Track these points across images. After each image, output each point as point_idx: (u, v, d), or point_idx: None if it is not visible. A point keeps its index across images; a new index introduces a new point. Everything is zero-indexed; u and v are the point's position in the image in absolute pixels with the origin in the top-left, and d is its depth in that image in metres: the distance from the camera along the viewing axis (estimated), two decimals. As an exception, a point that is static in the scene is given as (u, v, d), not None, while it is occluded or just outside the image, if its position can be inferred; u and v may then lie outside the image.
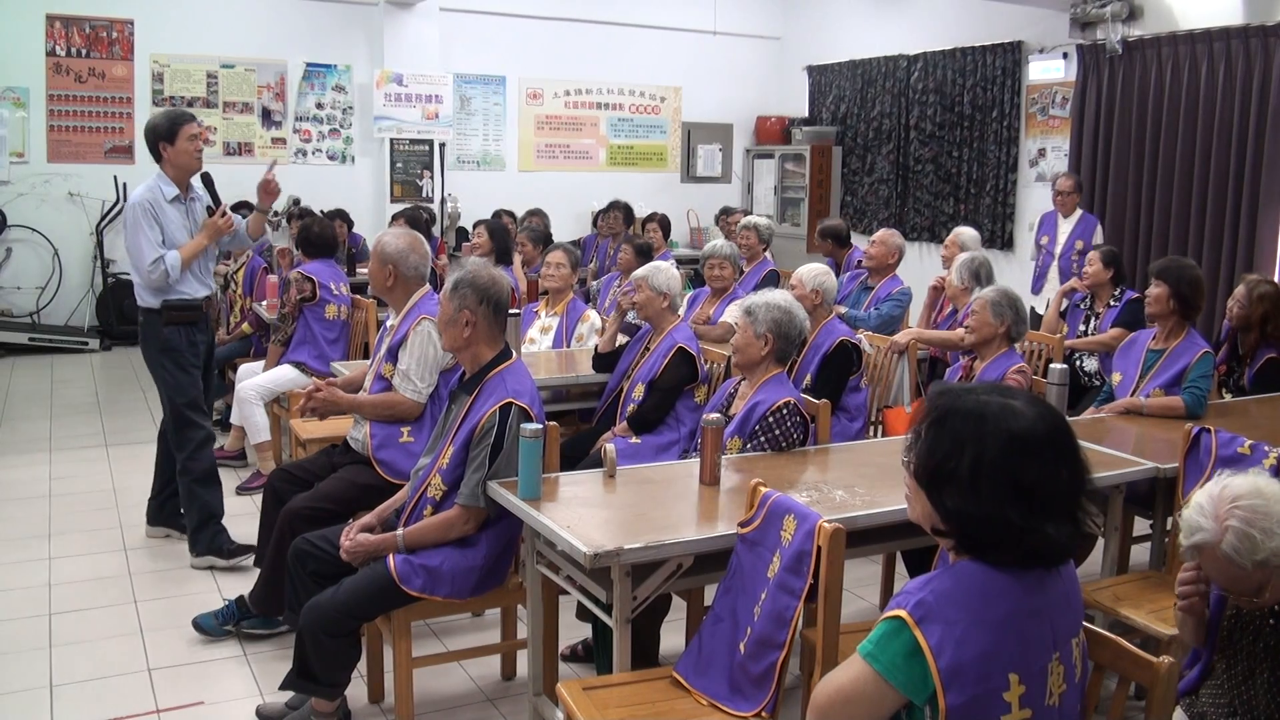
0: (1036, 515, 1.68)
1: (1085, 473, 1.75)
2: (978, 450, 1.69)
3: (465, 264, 3.30)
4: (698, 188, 11.69)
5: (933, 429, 1.75)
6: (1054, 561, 1.74)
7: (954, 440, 1.72)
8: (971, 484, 1.69)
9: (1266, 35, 7.02)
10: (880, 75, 10.35)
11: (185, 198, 4.41)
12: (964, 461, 1.70)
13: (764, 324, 3.54)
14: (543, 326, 5.44)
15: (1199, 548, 2.13)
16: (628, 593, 2.64)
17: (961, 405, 1.75)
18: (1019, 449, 1.69)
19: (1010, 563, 1.71)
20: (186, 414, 4.40)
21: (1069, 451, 1.73)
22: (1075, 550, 1.81)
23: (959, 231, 6.43)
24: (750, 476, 2.86)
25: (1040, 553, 1.71)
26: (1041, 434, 1.70)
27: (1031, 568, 1.72)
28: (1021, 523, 1.68)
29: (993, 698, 1.66)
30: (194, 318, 4.41)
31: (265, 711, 3.25)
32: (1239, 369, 4.64)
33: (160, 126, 4.39)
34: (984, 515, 1.69)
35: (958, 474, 1.70)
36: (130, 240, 4.32)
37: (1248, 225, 7.17)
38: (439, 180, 10.11)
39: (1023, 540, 1.68)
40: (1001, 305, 3.95)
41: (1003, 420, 1.70)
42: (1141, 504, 3.67)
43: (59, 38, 9.06)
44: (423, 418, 3.71)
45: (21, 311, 9.13)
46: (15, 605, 4.06)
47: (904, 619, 1.67)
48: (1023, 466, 1.68)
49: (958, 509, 1.71)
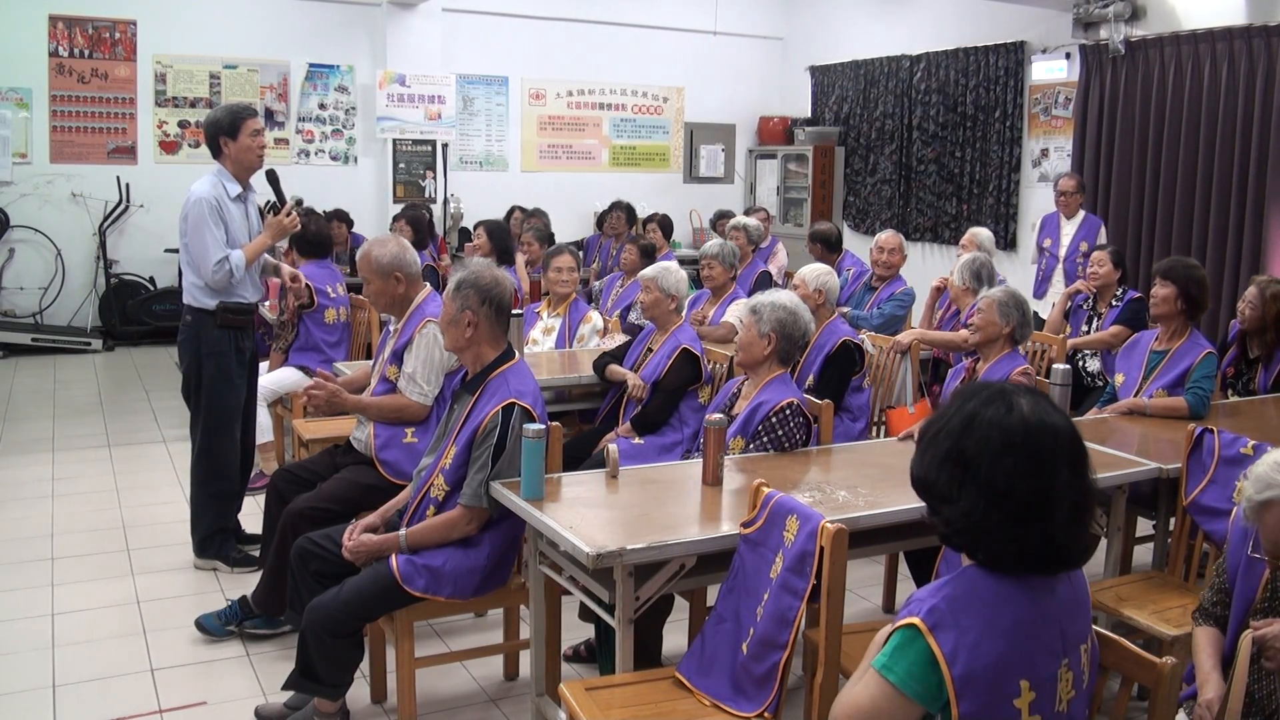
0: (959, 487, 1.70)
1: (1042, 479, 1.70)
2: (946, 419, 1.75)
3: (469, 264, 3.30)
4: (700, 188, 11.69)
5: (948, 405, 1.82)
6: (1047, 568, 1.72)
7: (941, 411, 1.79)
8: (925, 446, 1.77)
9: (1269, 35, 7.01)
10: (883, 75, 10.35)
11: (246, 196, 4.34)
12: (933, 427, 1.76)
13: (769, 323, 3.54)
14: (545, 327, 5.44)
15: (1269, 504, 2.20)
16: (630, 593, 2.64)
17: (968, 388, 1.79)
18: (975, 427, 1.71)
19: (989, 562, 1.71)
20: (220, 422, 4.30)
21: (1026, 451, 1.69)
22: (1085, 558, 1.81)
23: (975, 232, 6.36)
24: (753, 477, 2.86)
25: (1019, 554, 1.69)
26: (1005, 425, 1.70)
27: (1029, 574, 1.71)
28: (944, 490, 1.72)
29: (1004, 704, 1.66)
30: (245, 322, 4.32)
31: (264, 712, 3.25)
32: (1248, 371, 4.62)
33: (222, 121, 4.23)
34: (920, 476, 1.77)
35: (924, 436, 1.78)
36: (193, 238, 4.15)
37: (1251, 225, 7.16)
38: (442, 181, 10.12)
39: (941, 509, 1.73)
40: (1008, 306, 3.94)
41: (983, 403, 1.73)
42: (1144, 504, 3.67)
43: (61, 38, 9.07)
44: (428, 421, 3.70)
45: (24, 312, 9.14)
46: (18, 605, 4.06)
47: (918, 626, 1.67)
48: (967, 441, 1.71)
49: (913, 472, 1.79)
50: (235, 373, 4.32)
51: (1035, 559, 1.70)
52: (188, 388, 4.34)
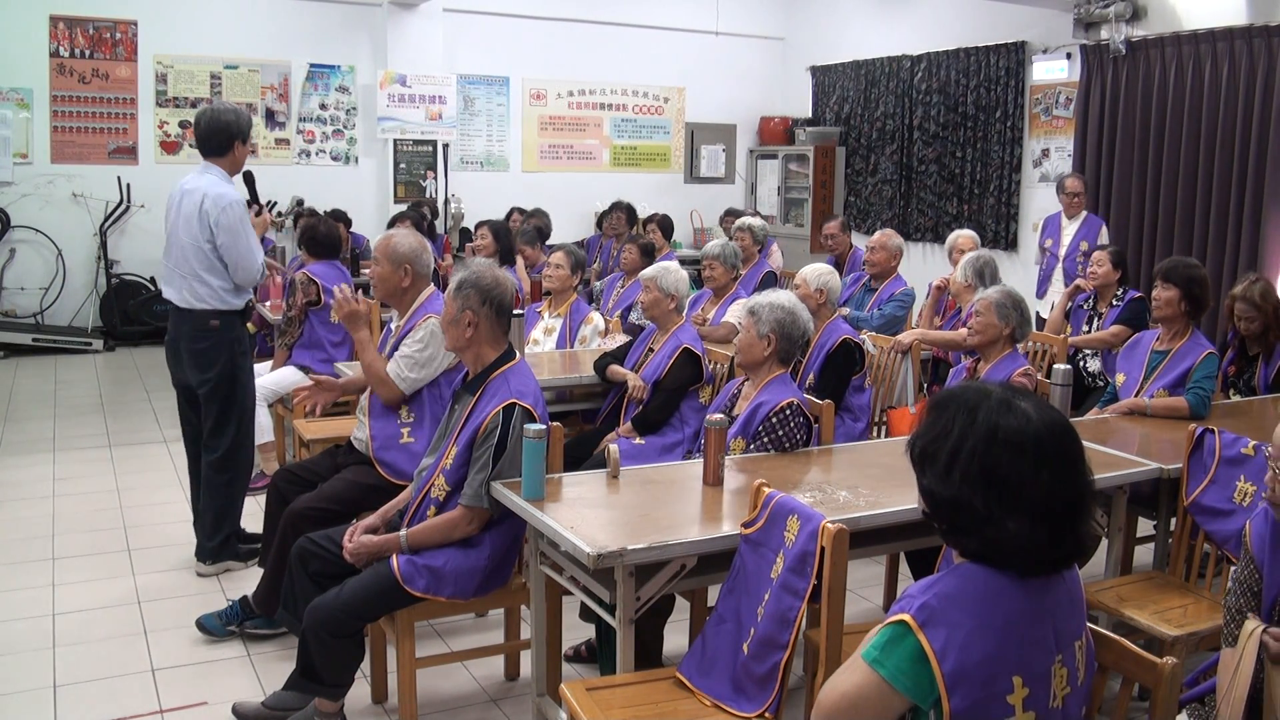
0: (1000, 508, 1.68)
1: (1074, 483, 1.72)
2: (961, 436, 1.71)
3: (470, 264, 3.30)
4: (701, 188, 11.69)
5: (932, 412, 1.79)
6: (1034, 570, 1.72)
7: (945, 424, 1.75)
8: (947, 467, 1.72)
9: (1270, 35, 7.01)
10: (884, 75, 10.35)
11: None
12: (946, 444, 1.72)
13: (767, 324, 3.54)
14: (546, 328, 5.44)
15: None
16: (631, 593, 2.64)
17: (964, 394, 1.77)
18: (999, 442, 1.69)
19: (990, 562, 1.71)
20: (251, 419, 4.38)
21: (1057, 458, 1.70)
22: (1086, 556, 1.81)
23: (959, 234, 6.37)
24: (754, 477, 2.86)
25: (1006, 549, 1.69)
26: (1029, 434, 1.69)
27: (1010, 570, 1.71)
28: (984, 511, 1.68)
29: (996, 701, 1.66)
30: (249, 318, 4.43)
31: (241, 710, 3.23)
32: (1249, 369, 4.62)
33: (237, 124, 4.19)
34: (950, 498, 1.72)
35: (938, 456, 1.73)
36: (235, 240, 4.11)
37: (1252, 225, 7.16)
38: (443, 181, 10.12)
39: (984, 530, 1.69)
40: (1006, 307, 3.93)
41: (995, 413, 1.71)
42: (1145, 505, 3.66)
43: (62, 38, 9.08)
44: (422, 419, 3.71)
45: (25, 312, 9.14)
46: (19, 605, 4.07)
47: (908, 623, 1.67)
48: (997, 458, 1.69)
49: (929, 489, 1.76)
50: (251, 365, 4.41)
51: (1046, 558, 1.70)
52: (216, 394, 4.24)
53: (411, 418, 3.71)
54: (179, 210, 4.17)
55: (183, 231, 4.14)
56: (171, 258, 4.22)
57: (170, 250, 4.22)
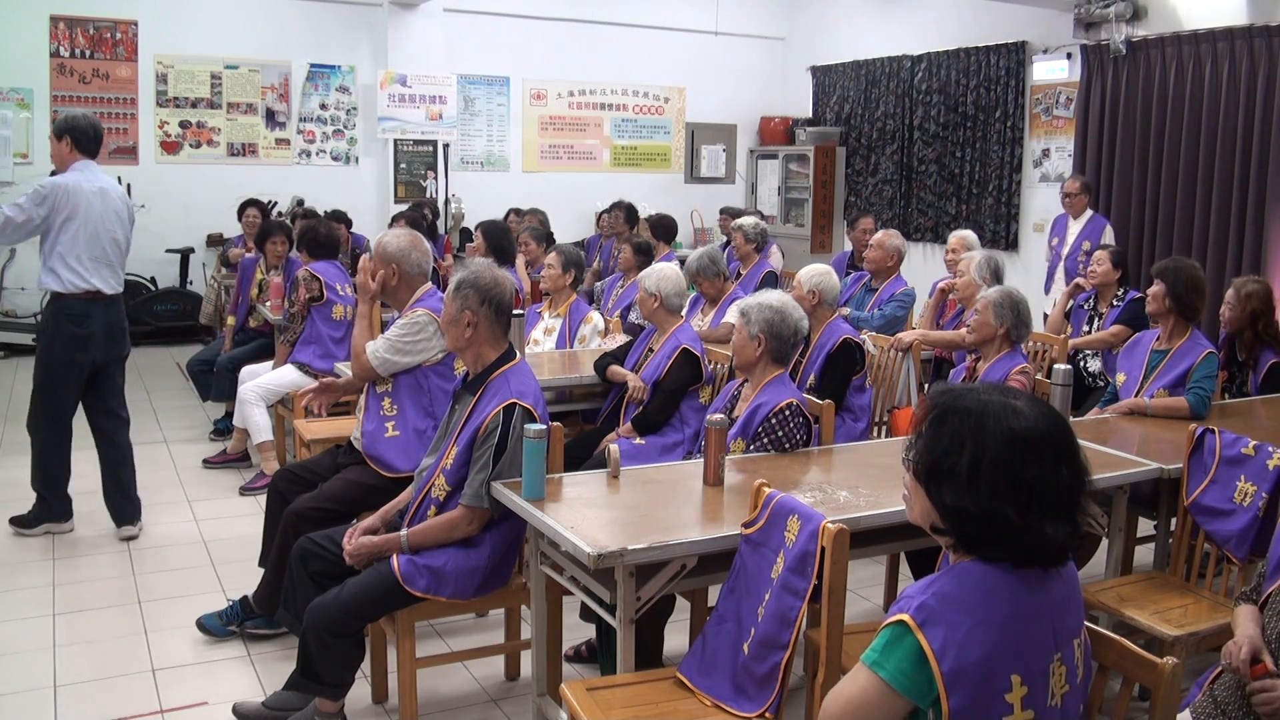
0: (1034, 513, 1.68)
1: (1084, 473, 1.75)
2: (977, 447, 1.69)
3: (470, 265, 3.30)
4: (701, 188, 11.68)
5: (933, 426, 1.76)
6: (1053, 561, 1.73)
7: (954, 437, 1.72)
8: (970, 480, 1.69)
9: (1271, 35, 7.01)
10: (884, 76, 10.35)
11: None
12: (963, 458, 1.70)
13: (757, 324, 3.53)
14: (546, 328, 5.44)
15: None
16: (631, 593, 2.64)
17: (962, 403, 1.75)
18: (1019, 447, 1.68)
19: (1010, 561, 1.70)
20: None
21: (1068, 451, 1.72)
22: (1077, 550, 1.81)
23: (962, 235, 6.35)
24: (754, 477, 2.86)
25: (1039, 552, 1.70)
26: (1041, 433, 1.70)
27: (1031, 568, 1.71)
28: (1019, 520, 1.67)
29: (995, 699, 1.66)
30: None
31: (242, 710, 3.24)
32: (1240, 375, 4.62)
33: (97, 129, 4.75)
34: (982, 512, 1.69)
35: (957, 470, 1.70)
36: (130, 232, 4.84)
37: (1253, 225, 7.16)
38: (443, 181, 10.12)
39: (1021, 538, 1.68)
40: (1003, 307, 3.94)
41: (1003, 418, 1.70)
42: (1145, 505, 3.66)
43: (63, 39, 9.08)
44: (404, 411, 3.70)
45: (26, 312, 9.14)
46: (19, 605, 4.07)
47: (907, 623, 1.67)
48: (1022, 464, 1.68)
49: (956, 505, 1.71)
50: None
51: (1029, 552, 1.70)
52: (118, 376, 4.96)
53: (395, 410, 3.72)
54: (105, 207, 4.63)
55: (114, 225, 4.67)
56: (103, 249, 4.64)
57: (99, 243, 4.62)
